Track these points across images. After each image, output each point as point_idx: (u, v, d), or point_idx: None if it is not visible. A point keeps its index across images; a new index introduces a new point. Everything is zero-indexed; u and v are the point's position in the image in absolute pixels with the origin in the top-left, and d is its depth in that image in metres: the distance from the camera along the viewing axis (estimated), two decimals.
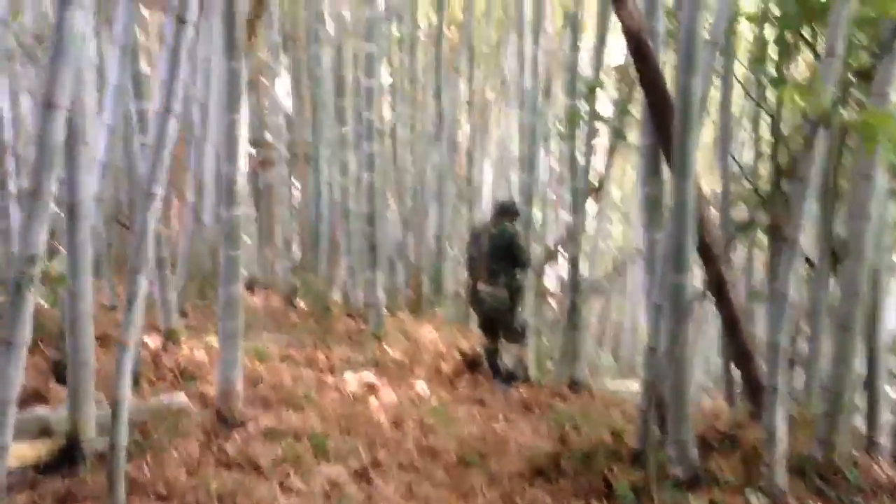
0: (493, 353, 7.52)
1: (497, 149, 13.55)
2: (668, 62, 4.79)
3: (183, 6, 3.59)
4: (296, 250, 11.87)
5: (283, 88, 12.02)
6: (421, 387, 6.80)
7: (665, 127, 4.33)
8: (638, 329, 19.54)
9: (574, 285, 7.67)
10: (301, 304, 10.53)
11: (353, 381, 6.66)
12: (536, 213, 9.76)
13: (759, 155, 8.05)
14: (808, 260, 5.37)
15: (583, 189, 7.69)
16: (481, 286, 7.26)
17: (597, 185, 8.20)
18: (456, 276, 12.76)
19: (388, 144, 11.48)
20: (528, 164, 8.54)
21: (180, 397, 5.00)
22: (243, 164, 5.19)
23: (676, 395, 4.10)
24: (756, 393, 4.68)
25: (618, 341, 18.91)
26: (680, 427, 4.14)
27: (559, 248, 9.86)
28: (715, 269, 4.55)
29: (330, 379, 6.66)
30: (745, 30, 7.13)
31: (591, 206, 8.54)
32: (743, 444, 4.40)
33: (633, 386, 15.26)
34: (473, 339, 9.91)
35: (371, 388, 6.55)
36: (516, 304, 7.37)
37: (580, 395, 7.23)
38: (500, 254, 7.16)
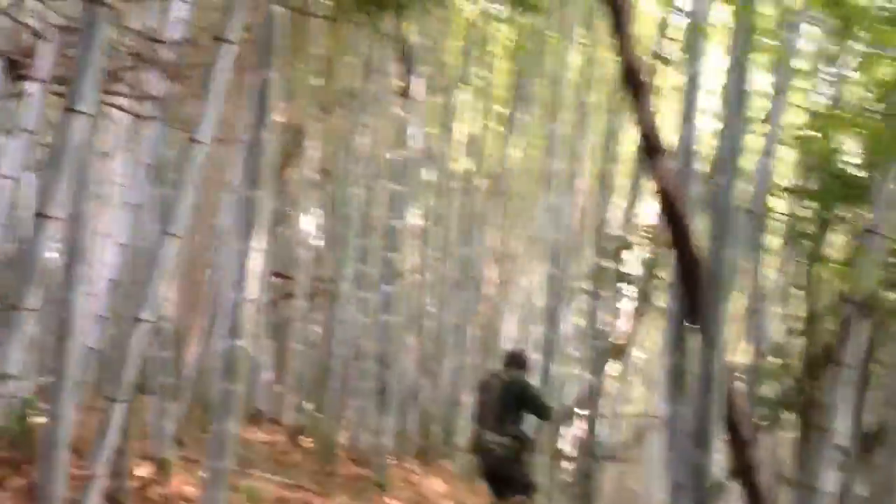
0: None
1: (521, 301, 13.35)
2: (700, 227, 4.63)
3: (197, 126, 3.50)
4: (308, 388, 11.54)
5: (312, 224, 12.03)
6: None
7: (694, 292, 4.13)
8: (653, 500, 18.77)
9: (590, 449, 7.29)
10: (307, 442, 10.15)
11: None
12: (556, 369, 9.46)
13: (789, 332, 7.79)
14: (839, 447, 5.04)
15: (604, 349, 7.42)
16: (488, 435, 6.84)
17: (620, 345, 7.94)
18: (469, 426, 12.35)
19: (412, 287, 11.34)
20: (550, 318, 8.32)
21: None
22: (254, 294, 5.02)
23: None
24: None
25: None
26: None
27: (577, 408, 9.50)
28: (742, 449, 4.24)
29: None
30: (778, 203, 7.01)
31: (613, 367, 8.23)
32: None
33: None
34: (483, 498, 9.46)
35: None
36: (523, 457, 6.92)
37: None
38: (511, 403, 6.79)
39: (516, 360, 7.14)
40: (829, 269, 6.20)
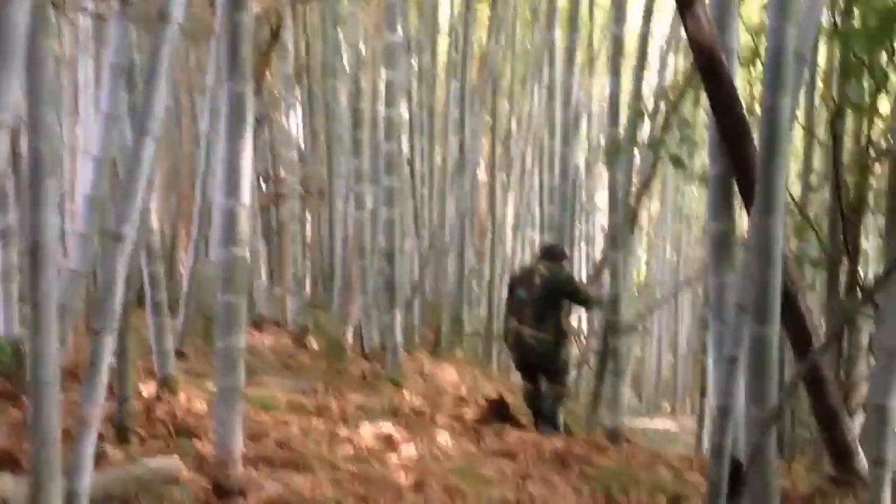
0: (535, 397, 7.14)
1: (520, 183, 12.96)
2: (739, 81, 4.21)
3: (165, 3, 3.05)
4: (308, 288, 11.26)
5: (296, 122, 11.51)
6: (444, 438, 6.15)
7: (739, 153, 3.74)
8: (662, 366, 18.88)
9: (612, 326, 7.02)
10: (313, 344, 9.93)
11: (369, 433, 6.02)
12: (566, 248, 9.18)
13: (808, 187, 7.44)
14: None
15: (622, 223, 7.07)
16: (526, 330, 6.92)
17: (632, 216, 7.59)
18: (477, 315, 12.15)
19: (407, 179, 10.94)
20: (561, 197, 7.94)
21: (171, 461, 4.36)
22: (248, 199, 4.62)
23: (760, 467, 3.44)
24: (843, 459, 4.04)
25: (639, 379, 18.24)
26: (763, 501, 3.47)
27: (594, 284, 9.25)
28: (797, 313, 3.92)
29: (343, 431, 6.02)
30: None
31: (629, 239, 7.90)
32: None
33: (660, 425, 14.62)
34: (497, 383, 9.30)
35: (389, 441, 5.90)
36: (562, 348, 7.06)
37: (619, 448, 6.54)
38: (552, 297, 6.91)
39: (553, 253, 7.17)
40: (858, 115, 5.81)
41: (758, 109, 5.15)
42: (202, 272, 9.93)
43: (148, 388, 5.98)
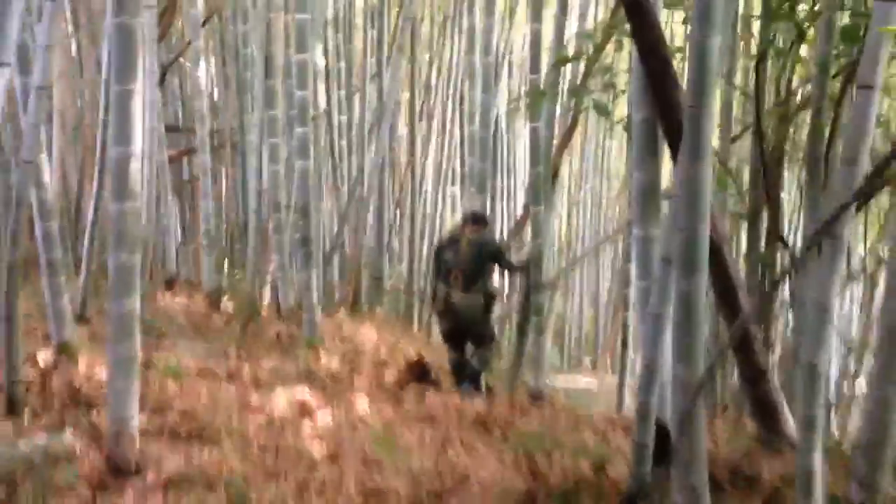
0: (460, 364, 7.04)
1: (440, 135, 12.64)
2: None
3: None
4: (222, 246, 10.82)
5: (207, 71, 10.98)
6: (362, 404, 5.89)
7: (665, 97, 3.52)
8: (583, 322, 18.93)
9: (535, 284, 6.82)
10: (229, 305, 9.55)
11: (282, 400, 5.73)
12: (487, 204, 8.94)
13: (728, 136, 7.31)
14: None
15: (546, 175, 6.85)
16: (456, 295, 6.84)
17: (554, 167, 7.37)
18: (398, 271, 11.87)
19: (324, 132, 10.53)
20: (482, 149, 7.66)
21: (62, 437, 4.01)
22: (140, 147, 4.23)
23: (689, 434, 3.26)
24: (768, 416, 3.90)
25: (560, 335, 18.26)
26: (691, 468, 3.30)
27: (512, 240, 9.04)
28: (722, 266, 3.75)
29: (255, 398, 5.71)
30: None
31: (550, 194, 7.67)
32: (761, 484, 3.61)
33: (581, 382, 14.64)
34: (418, 342, 9.06)
35: (304, 409, 5.62)
36: (490, 312, 7.02)
37: (542, 409, 6.39)
38: (479, 262, 6.84)
39: (480, 219, 7.12)
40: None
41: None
42: (104, 229, 9.43)
43: (45, 356, 5.58)
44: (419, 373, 6.90)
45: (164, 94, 10.91)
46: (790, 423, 4.03)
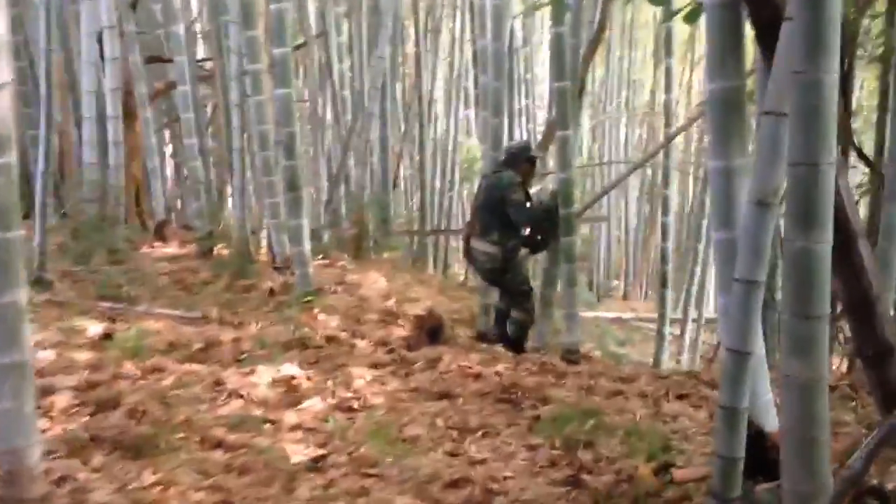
0: (501, 315, 6.17)
1: (450, 52, 11.41)
2: None
3: None
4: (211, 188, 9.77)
5: None
6: (361, 378, 4.88)
7: None
8: (612, 246, 17.84)
9: (565, 224, 5.73)
10: (223, 250, 8.54)
11: (265, 378, 4.74)
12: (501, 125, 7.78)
13: None
14: None
15: (573, 92, 5.70)
16: (475, 241, 6.00)
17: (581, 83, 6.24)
18: (408, 208, 10.81)
19: (317, 49, 9.38)
20: (496, 65, 6.47)
21: None
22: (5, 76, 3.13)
23: (805, 422, 2.23)
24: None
25: (587, 259, 17.19)
26: (810, 476, 2.26)
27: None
28: (843, 217, 2.65)
29: (233, 378, 4.72)
30: None
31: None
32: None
33: (613, 312, 13.63)
34: (433, 290, 8.03)
35: (290, 389, 4.63)
36: (512, 265, 5.92)
37: (578, 373, 5.34)
38: (492, 207, 5.90)
39: (516, 156, 6.04)
40: None
41: None
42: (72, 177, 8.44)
43: None
44: (431, 331, 5.88)
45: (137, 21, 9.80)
46: None
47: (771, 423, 2.90)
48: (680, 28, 10.19)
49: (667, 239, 8.55)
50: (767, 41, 2.73)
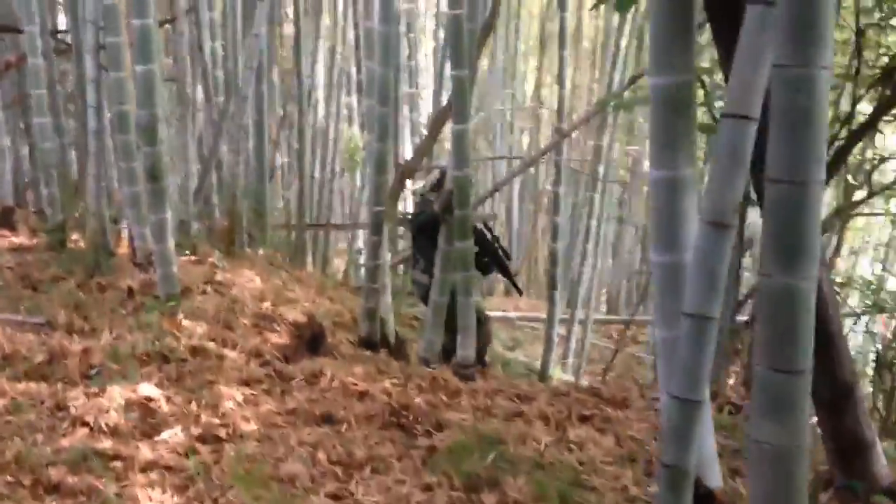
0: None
1: (330, 35, 10.76)
2: None
3: None
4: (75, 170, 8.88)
5: None
6: (232, 399, 4.28)
7: None
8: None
9: (460, 227, 5.26)
10: (79, 242, 7.69)
11: (118, 398, 4.08)
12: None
13: None
14: None
15: (471, 80, 5.23)
16: (418, 275, 5.92)
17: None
18: (285, 199, 10.14)
19: (186, 24, 8.60)
20: (383, 50, 5.90)
21: None
22: None
23: (778, 498, 1.82)
24: (851, 454, 2.50)
25: None
26: None
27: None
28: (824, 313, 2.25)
29: (79, 400, 4.06)
30: None
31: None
32: None
33: (511, 309, 13.25)
34: (311, 290, 7.43)
35: (146, 415, 4.00)
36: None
37: (473, 388, 4.89)
38: (422, 234, 5.73)
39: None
40: None
41: None
42: None
43: None
44: (311, 341, 5.31)
45: None
46: (882, 464, 2.65)
47: (715, 479, 2.50)
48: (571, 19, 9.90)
49: (556, 239, 8.22)
50: (724, 27, 2.32)
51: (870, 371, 5.50)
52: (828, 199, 5.52)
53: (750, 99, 2.13)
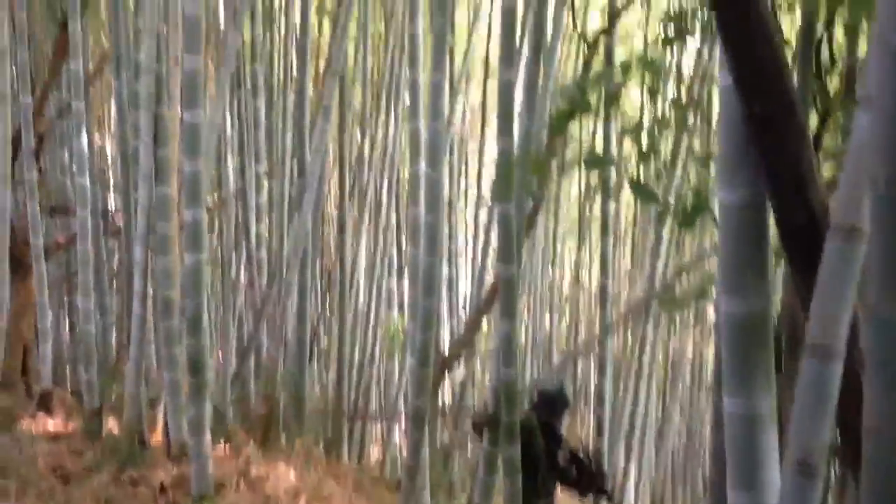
0: None
1: (373, 219, 10.88)
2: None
3: None
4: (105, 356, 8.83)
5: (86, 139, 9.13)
6: None
7: (784, 157, 1.89)
8: None
9: (509, 428, 5.03)
10: (114, 429, 7.54)
11: None
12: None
13: None
14: None
15: (517, 278, 5.15)
16: None
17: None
18: (323, 384, 9.98)
19: (235, 210, 8.77)
20: (429, 238, 5.87)
21: None
22: None
23: None
24: None
25: None
26: None
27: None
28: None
29: None
30: None
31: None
32: None
33: None
34: (347, 487, 7.15)
35: None
36: None
37: None
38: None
39: (550, 403, 5.28)
40: None
41: None
42: None
43: None
44: None
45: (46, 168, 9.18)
46: None
47: None
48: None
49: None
50: (801, 257, 2.20)
51: None
52: None
53: (832, 335, 1.99)
